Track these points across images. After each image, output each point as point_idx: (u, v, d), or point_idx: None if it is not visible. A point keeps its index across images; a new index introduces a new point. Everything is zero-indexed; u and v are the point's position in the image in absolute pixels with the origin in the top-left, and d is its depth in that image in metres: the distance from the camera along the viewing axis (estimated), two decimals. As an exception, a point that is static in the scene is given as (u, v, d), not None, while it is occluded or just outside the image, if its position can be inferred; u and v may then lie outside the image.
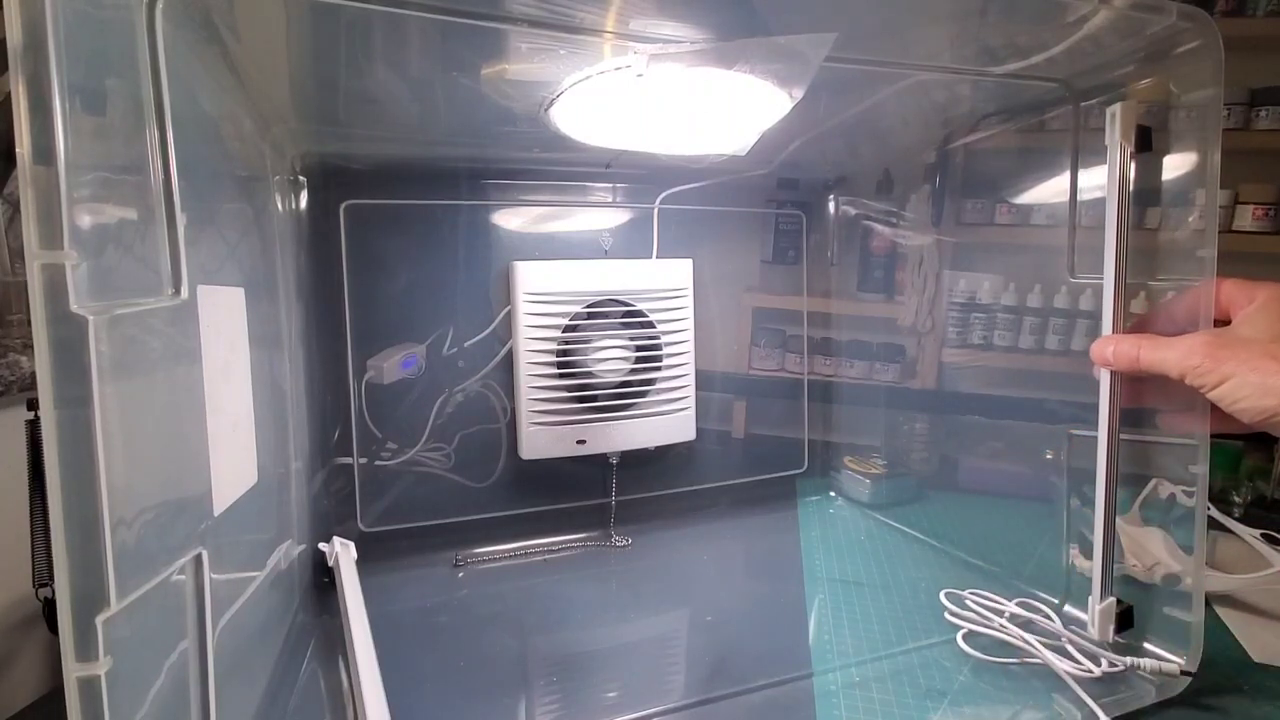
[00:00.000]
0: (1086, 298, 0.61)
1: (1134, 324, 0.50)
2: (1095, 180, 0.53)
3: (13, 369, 0.69)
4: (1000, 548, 0.70)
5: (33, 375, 0.72)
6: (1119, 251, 0.48)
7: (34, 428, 0.57)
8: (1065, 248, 0.57)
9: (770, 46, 0.44)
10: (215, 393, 0.38)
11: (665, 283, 0.77)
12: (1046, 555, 0.62)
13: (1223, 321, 0.46)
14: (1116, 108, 0.48)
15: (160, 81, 0.31)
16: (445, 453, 0.73)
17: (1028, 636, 0.52)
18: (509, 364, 0.73)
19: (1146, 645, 0.52)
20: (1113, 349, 0.47)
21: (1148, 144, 0.49)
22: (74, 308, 0.24)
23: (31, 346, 0.24)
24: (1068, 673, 0.49)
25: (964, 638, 0.54)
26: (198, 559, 0.34)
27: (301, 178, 0.65)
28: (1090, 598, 0.51)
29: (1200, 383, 0.42)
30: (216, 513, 0.38)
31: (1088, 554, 0.53)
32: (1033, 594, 0.60)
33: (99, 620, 0.25)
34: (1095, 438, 0.50)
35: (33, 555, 0.60)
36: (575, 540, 0.76)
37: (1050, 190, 0.62)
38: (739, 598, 0.68)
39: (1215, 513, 0.77)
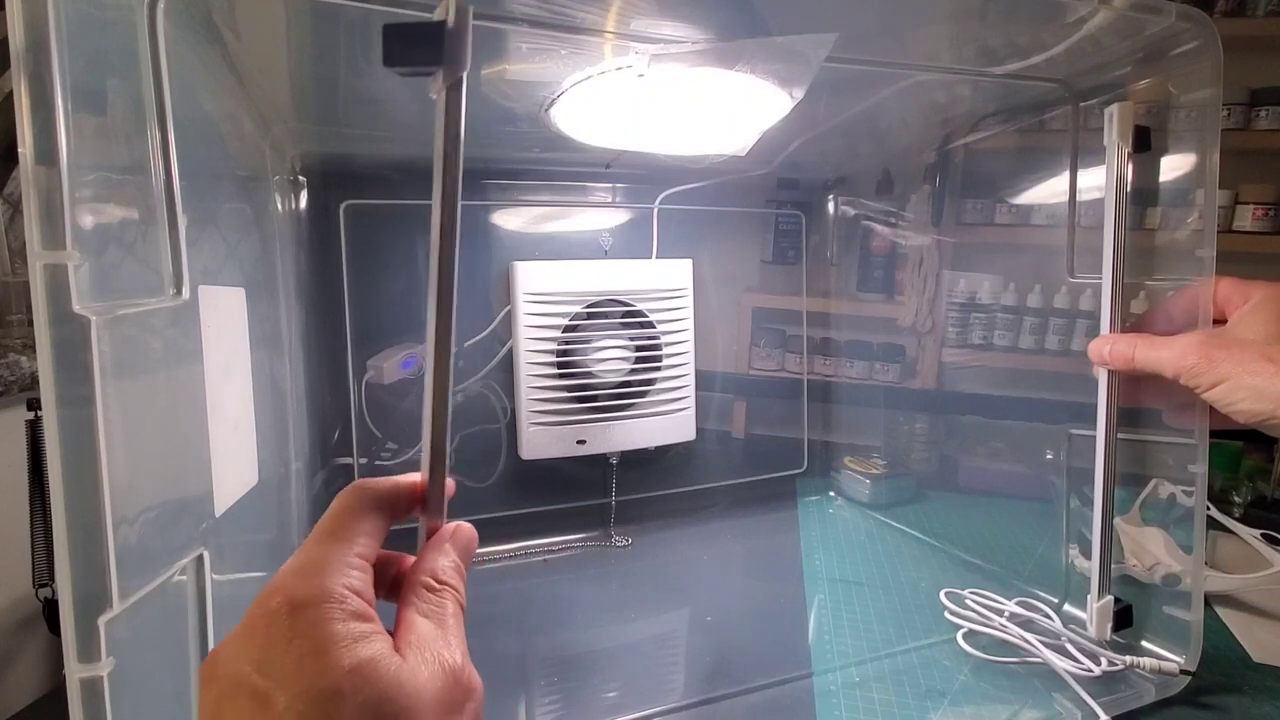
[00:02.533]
0: (1086, 298, 0.61)
1: (1133, 324, 0.50)
2: (1095, 180, 0.53)
3: (13, 369, 0.69)
4: (1000, 547, 0.70)
5: (33, 375, 0.72)
6: (1117, 251, 0.48)
7: (34, 428, 0.58)
8: (1065, 248, 0.57)
9: (771, 47, 0.44)
10: (216, 393, 0.38)
11: (665, 283, 0.77)
12: (1046, 555, 0.62)
13: (1219, 321, 0.46)
14: (1115, 108, 0.48)
15: (161, 82, 0.31)
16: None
17: (1028, 636, 0.52)
18: (509, 364, 0.73)
19: (1146, 644, 0.52)
20: (1109, 348, 0.48)
21: (1146, 144, 0.49)
22: (76, 308, 0.24)
23: (32, 346, 0.24)
24: (1068, 672, 0.49)
25: (964, 637, 0.55)
26: (199, 559, 0.34)
27: (301, 178, 0.66)
28: (1088, 596, 0.51)
29: (1195, 383, 0.42)
30: (218, 513, 0.38)
31: (1087, 554, 0.53)
32: (1032, 593, 0.60)
33: (101, 621, 0.25)
34: (1095, 437, 0.50)
35: (32, 555, 0.60)
36: (575, 540, 0.76)
37: (1050, 190, 0.62)
38: (739, 598, 0.68)
39: (1215, 513, 0.78)
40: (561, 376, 0.73)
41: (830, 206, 0.89)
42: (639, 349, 0.75)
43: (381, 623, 0.24)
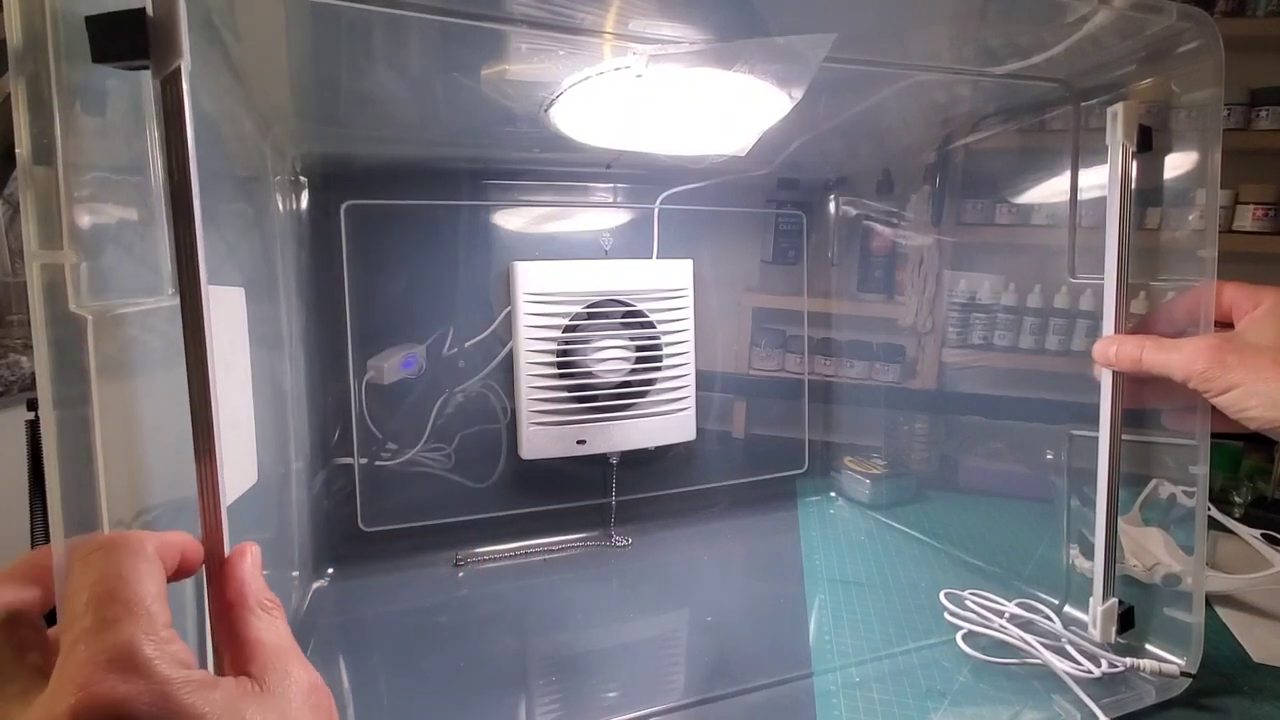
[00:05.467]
0: (1087, 298, 0.61)
1: (1134, 325, 0.50)
2: (1095, 180, 0.53)
3: (13, 369, 0.69)
4: (1000, 548, 0.70)
5: (33, 375, 0.72)
6: (1121, 251, 0.48)
7: (34, 428, 0.58)
8: (1065, 248, 0.57)
9: (769, 47, 0.44)
10: (215, 392, 0.38)
11: (665, 283, 0.77)
12: (1046, 555, 0.62)
13: (1224, 324, 0.46)
14: (1119, 107, 0.47)
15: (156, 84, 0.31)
16: (445, 453, 0.73)
17: (1028, 637, 0.52)
18: (509, 364, 0.73)
19: (1147, 646, 0.52)
20: (1116, 349, 0.47)
21: (1148, 144, 0.49)
22: (73, 308, 0.24)
23: (32, 347, 0.24)
24: (1067, 673, 0.49)
25: (964, 638, 0.54)
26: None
27: (302, 178, 0.66)
28: (1091, 599, 0.51)
29: (1205, 388, 0.42)
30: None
31: (1088, 554, 0.53)
32: (1033, 594, 0.60)
33: (99, 620, 0.25)
34: (1095, 438, 0.50)
35: (33, 555, 0.60)
36: (575, 540, 0.76)
37: (1050, 190, 0.62)
38: (739, 598, 0.68)
39: (1215, 513, 0.77)
40: (561, 376, 0.73)
41: (831, 206, 0.89)
42: (639, 349, 0.75)
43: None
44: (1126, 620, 0.51)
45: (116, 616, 0.20)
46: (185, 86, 0.26)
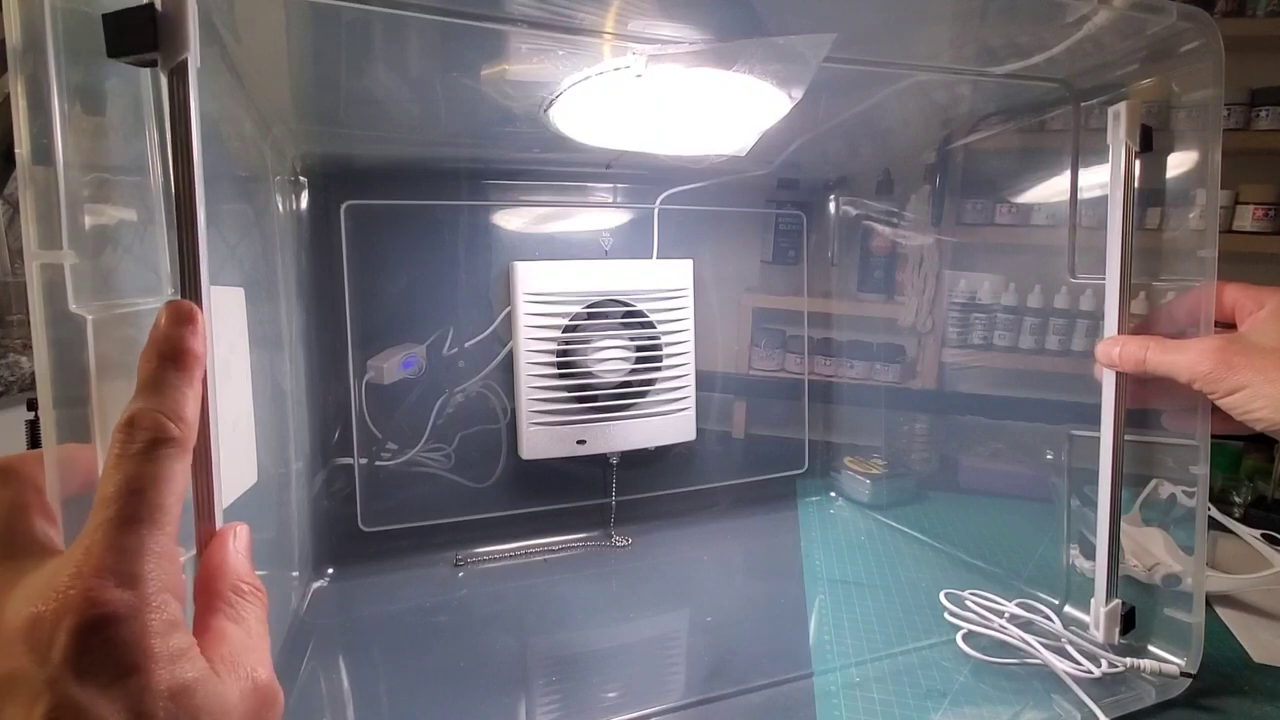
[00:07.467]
0: (1087, 298, 0.61)
1: (1135, 325, 0.50)
2: (1095, 180, 0.53)
3: (13, 369, 0.69)
4: (1000, 548, 0.70)
5: (33, 375, 0.72)
6: (1123, 252, 0.48)
7: (34, 428, 0.57)
8: (1065, 248, 0.57)
9: (769, 47, 0.44)
10: (215, 392, 0.38)
11: (665, 283, 0.77)
12: (1047, 556, 0.62)
13: (1225, 325, 0.46)
14: (1121, 107, 0.47)
15: (159, 82, 0.31)
16: (445, 453, 0.73)
17: (1028, 637, 0.52)
18: (509, 364, 0.73)
19: (1147, 646, 0.52)
20: (1119, 350, 0.47)
21: (1149, 144, 0.48)
22: (73, 307, 0.24)
23: (32, 347, 0.24)
24: (1068, 674, 0.49)
25: (964, 638, 0.54)
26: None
27: (302, 178, 0.66)
28: (1094, 600, 0.51)
29: (1211, 389, 0.42)
30: (216, 512, 0.38)
31: (1088, 554, 0.53)
32: (1033, 594, 0.60)
33: (99, 621, 0.25)
34: (1096, 438, 0.50)
35: (33, 555, 0.60)
36: (575, 540, 0.76)
37: (1050, 190, 0.62)
38: (739, 598, 0.68)
39: (1215, 513, 0.77)
40: (561, 376, 0.73)
41: (831, 206, 0.89)
42: (639, 349, 0.75)
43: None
44: (1129, 621, 0.51)
45: (139, 517, 0.22)
46: (193, 78, 0.26)
